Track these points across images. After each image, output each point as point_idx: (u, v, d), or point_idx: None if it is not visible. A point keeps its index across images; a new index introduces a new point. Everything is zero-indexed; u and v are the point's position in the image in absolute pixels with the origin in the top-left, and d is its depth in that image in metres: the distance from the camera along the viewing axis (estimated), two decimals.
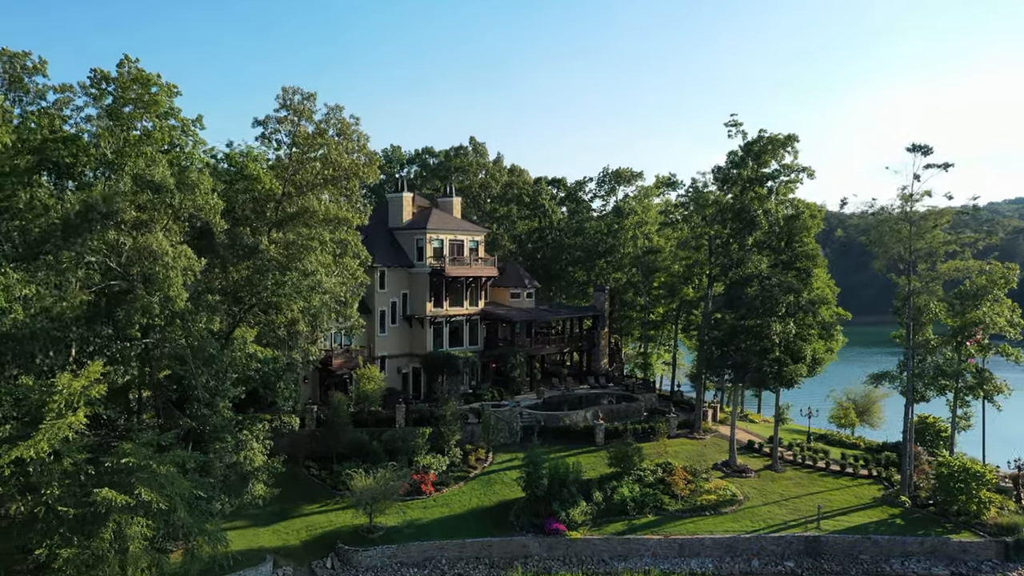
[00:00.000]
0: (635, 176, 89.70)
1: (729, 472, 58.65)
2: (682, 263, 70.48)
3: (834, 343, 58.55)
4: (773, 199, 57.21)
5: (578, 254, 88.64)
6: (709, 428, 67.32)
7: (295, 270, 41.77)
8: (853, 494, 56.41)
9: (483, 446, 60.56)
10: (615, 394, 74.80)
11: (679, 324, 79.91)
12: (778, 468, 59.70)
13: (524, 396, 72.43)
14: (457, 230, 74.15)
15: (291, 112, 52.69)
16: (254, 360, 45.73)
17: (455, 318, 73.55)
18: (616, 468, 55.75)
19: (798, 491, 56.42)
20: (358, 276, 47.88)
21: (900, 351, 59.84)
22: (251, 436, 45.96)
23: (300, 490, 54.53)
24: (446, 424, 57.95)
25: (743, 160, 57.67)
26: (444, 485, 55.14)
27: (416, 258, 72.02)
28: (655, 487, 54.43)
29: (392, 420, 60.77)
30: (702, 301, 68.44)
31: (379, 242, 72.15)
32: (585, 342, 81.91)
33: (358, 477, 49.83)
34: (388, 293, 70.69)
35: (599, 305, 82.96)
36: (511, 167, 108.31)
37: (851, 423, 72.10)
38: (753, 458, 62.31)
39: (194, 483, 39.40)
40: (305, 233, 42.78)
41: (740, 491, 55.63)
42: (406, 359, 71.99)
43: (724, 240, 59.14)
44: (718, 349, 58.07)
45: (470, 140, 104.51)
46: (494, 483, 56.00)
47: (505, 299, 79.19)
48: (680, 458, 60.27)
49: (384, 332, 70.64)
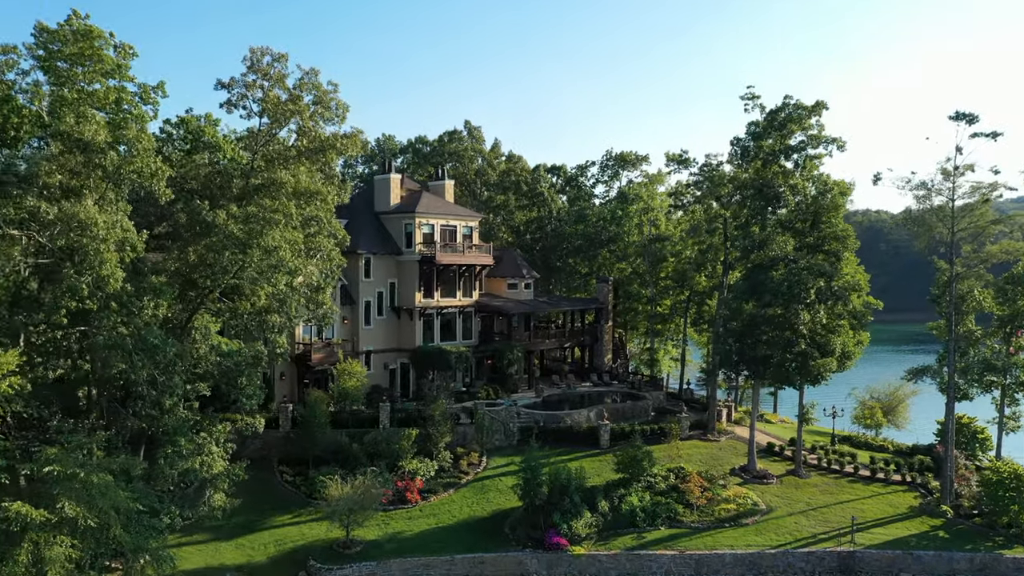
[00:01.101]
0: (640, 160, 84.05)
1: (749, 478, 52.93)
2: (694, 248, 64.64)
3: (863, 335, 52.79)
4: (798, 174, 51.45)
5: (579, 243, 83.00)
6: (723, 429, 61.65)
7: (256, 247, 36.07)
8: (887, 503, 50.70)
9: (476, 449, 54.89)
10: (620, 392, 69.25)
11: (688, 317, 74.22)
12: (802, 473, 53.99)
13: (522, 394, 66.87)
14: (449, 214, 68.45)
15: (260, 76, 47.00)
16: (214, 353, 40.22)
17: (447, 310, 67.86)
18: (623, 474, 50.06)
19: (826, 499, 50.70)
20: (333, 258, 42.12)
21: (928, 345, 54.20)
22: (210, 439, 40.33)
23: (271, 499, 48.84)
24: (435, 425, 52.25)
25: (765, 131, 51.90)
26: (432, 493, 49.47)
27: (404, 245, 66.34)
28: (667, 495, 48.75)
29: (376, 420, 55.06)
30: (716, 291, 62.81)
31: (364, 227, 66.52)
32: (587, 337, 76.25)
33: (333, 485, 44.18)
34: (374, 282, 64.99)
35: (602, 297, 77.32)
36: (509, 154, 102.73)
37: (877, 424, 66.40)
38: (773, 462, 56.61)
39: (136, 494, 33.76)
40: (268, 205, 37.10)
41: (762, 500, 49.91)
42: (393, 354, 66.28)
43: (744, 220, 53.37)
44: (736, 342, 52.32)
45: (465, 124, 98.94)
46: (488, 490, 50.31)
47: (501, 290, 73.52)
48: (694, 462, 54.59)
49: (369, 324, 64.94)
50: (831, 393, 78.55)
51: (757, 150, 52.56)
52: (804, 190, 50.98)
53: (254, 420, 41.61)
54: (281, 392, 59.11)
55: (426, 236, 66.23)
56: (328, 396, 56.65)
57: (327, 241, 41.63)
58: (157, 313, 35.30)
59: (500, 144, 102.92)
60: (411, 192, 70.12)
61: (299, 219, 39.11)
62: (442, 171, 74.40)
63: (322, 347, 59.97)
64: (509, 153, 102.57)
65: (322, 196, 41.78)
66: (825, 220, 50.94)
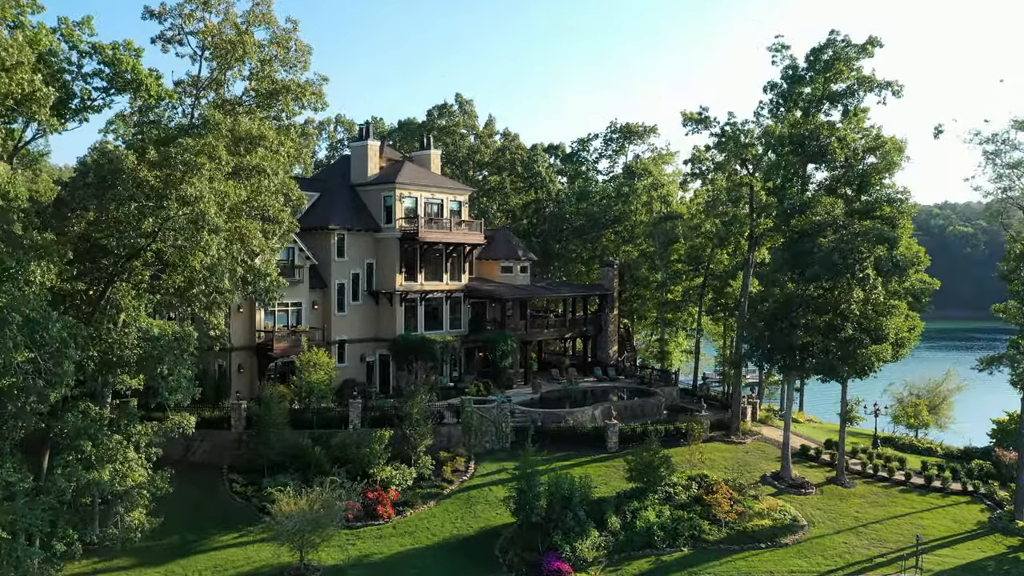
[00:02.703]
0: (648, 131, 76.04)
1: (783, 487, 45.03)
2: (715, 222, 56.56)
3: (916, 320, 44.92)
4: (846, 125, 43.49)
5: (581, 223, 74.90)
6: (748, 430, 53.71)
7: (173, 198, 28.11)
8: (950, 517, 42.82)
9: (463, 453, 46.94)
10: (628, 388, 61.29)
11: (703, 305, 66.32)
12: (845, 481, 46.07)
13: (517, 390, 58.98)
14: (434, 187, 60.43)
15: (199, 5, 38.98)
16: (135, 336, 32.25)
17: (433, 295, 59.88)
18: (637, 483, 42.14)
19: (877, 513, 42.79)
20: (282, 220, 34.10)
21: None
22: (126, 442, 32.31)
23: (215, 513, 40.89)
24: (413, 425, 44.25)
25: (806, 74, 43.95)
26: (409, 506, 41.50)
27: (384, 220, 58.33)
28: (690, 508, 40.83)
29: (345, 420, 47.09)
30: (740, 270, 54.97)
31: (338, 201, 58.55)
32: (590, 327, 68.29)
33: (284, 498, 36.15)
34: (348, 262, 56.99)
35: (607, 283, 69.34)
36: (504, 131, 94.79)
37: (923, 423, 58.48)
38: (810, 468, 48.67)
39: (12, 515, 25.84)
40: (190, 145, 29.17)
41: (801, 513, 42.01)
42: (371, 344, 58.27)
43: (779, 182, 45.34)
44: (767, 328, 44.35)
45: (456, 98, 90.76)
46: (475, 503, 42.35)
47: (494, 273, 65.53)
48: (717, 468, 46.68)
49: (343, 311, 56.92)
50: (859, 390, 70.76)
51: (796, 97, 44.52)
52: (856, 143, 42.98)
53: (183, 419, 33.53)
54: (239, 387, 51.10)
55: (408, 211, 58.25)
56: (291, 392, 48.72)
57: (273, 199, 33.65)
58: (44, 281, 27.28)
59: (494, 121, 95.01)
60: (392, 163, 62.14)
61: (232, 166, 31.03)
62: (427, 140, 66.33)
63: (286, 336, 51.95)
64: (504, 130, 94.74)
65: (268, 142, 33.77)
66: (875, 182, 42.99)
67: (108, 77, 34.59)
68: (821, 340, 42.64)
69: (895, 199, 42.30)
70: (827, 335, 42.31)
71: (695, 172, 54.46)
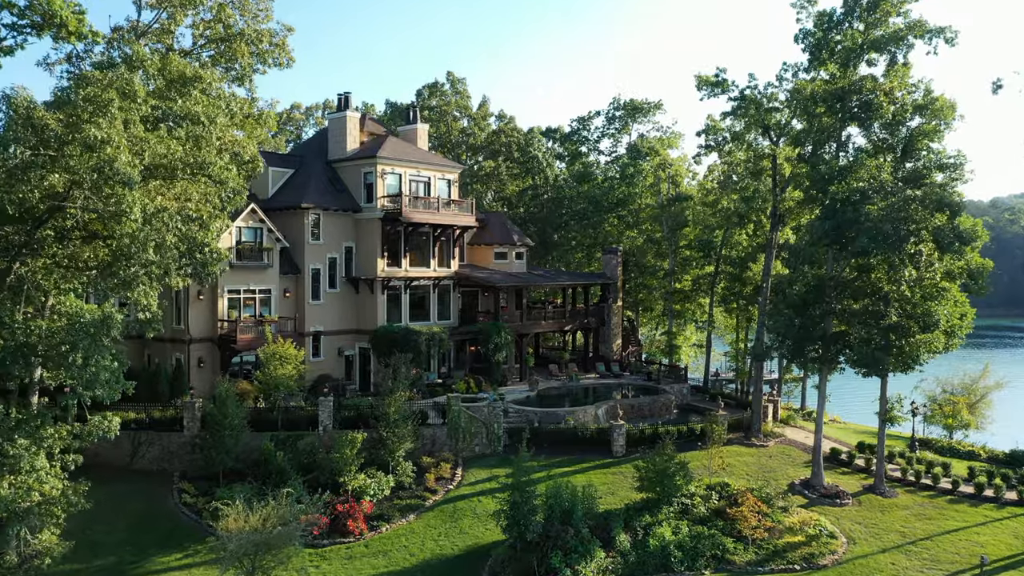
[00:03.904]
0: (654, 107, 70.30)
1: (815, 497, 39.33)
2: (733, 198, 50.71)
3: (967, 307, 39.23)
4: (891, 78, 37.76)
5: (582, 207, 69.15)
6: (770, 431, 48.00)
7: (76, 143, 22.42)
8: (1010, 532, 37.09)
9: (449, 458, 41.24)
10: (634, 385, 55.78)
11: (715, 295, 60.64)
12: (884, 490, 40.38)
13: (512, 387, 53.50)
14: (420, 163, 54.69)
15: None
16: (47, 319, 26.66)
17: (419, 282, 54.20)
18: (649, 493, 36.45)
19: (925, 527, 37.08)
20: (226, 180, 28.28)
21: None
22: (36, 448, 26.61)
23: (160, 528, 35.12)
24: (390, 426, 38.51)
25: (845, 19, 38.23)
26: (385, 520, 35.77)
27: (364, 199, 52.64)
28: (711, 523, 35.12)
29: (315, 421, 41.37)
30: (761, 252, 49.37)
31: (313, 178, 52.85)
32: (592, 319, 62.64)
33: (232, 513, 30.36)
34: (324, 246, 51.30)
35: (610, 272, 63.69)
36: (499, 113, 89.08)
37: (962, 424, 52.75)
38: (842, 475, 42.98)
39: None
40: (96, 77, 23.47)
41: (839, 528, 36.32)
42: (350, 337, 52.59)
43: (811, 147, 39.56)
44: (797, 315, 38.61)
45: (447, 75, 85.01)
46: (462, 516, 36.63)
47: (487, 260, 59.88)
48: (738, 475, 41.02)
49: (318, 299, 51.24)
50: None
51: (832, 47, 38.73)
52: (906, 99, 37.23)
53: (105, 422, 27.76)
54: (199, 383, 45.38)
55: (391, 189, 52.56)
56: (256, 388, 43.08)
57: (211, 154, 27.86)
58: None
59: (488, 102, 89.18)
60: (375, 137, 56.41)
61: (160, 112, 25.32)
62: (414, 114, 60.52)
63: (252, 326, 46.23)
64: (500, 112, 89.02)
65: (204, 84, 28.03)
66: (922, 146, 37.27)
67: (19, 11, 28.74)
68: (860, 328, 36.93)
69: (947, 165, 36.65)
70: (867, 322, 36.61)
71: (709, 145, 48.68)
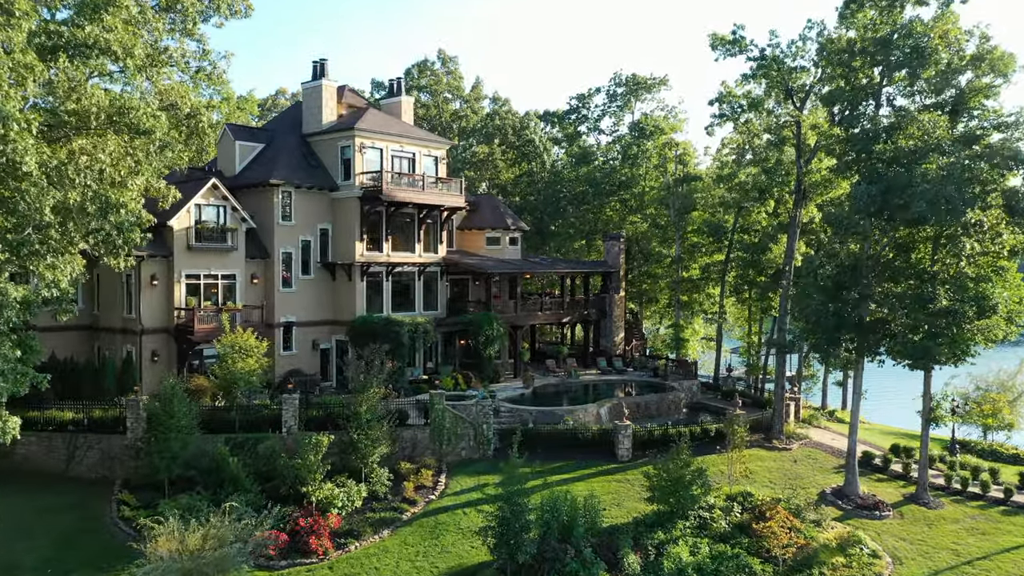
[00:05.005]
0: (659, 83, 65.28)
1: (851, 508, 34.34)
2: (751, 171, 45.61)
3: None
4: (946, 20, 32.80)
5: (581, 189, 64.11)
6: (793, 433, 43.02)
7: None
8: None
9: (431, 464, 36.17)
10: (639, 382, 50.90)
11: (726, 284, 55.73)
12: (928, 500, 35.42)
13: (505, 384, 48.61)
14: (404, 136, 49.64)
15: None
16: None
17: (402, 268, 49.19)
18: (661, 505, 31.46)
19: (981, 545, 32.11)
20: (154, 129, 23.18)
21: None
22: None
23: (92, 548, 29.88)
24: (362, 428, 33.43)
25: None
26: (354, 537, 30.68)
27: (341, 176, 47.62)
28: (734, 541, 30.13)
29: (277, 421, 36.30)
30: (784, 232, 44.47)
31: (284, 152, 47.87)
32: (593, 310, 57.67)
33: (165, 532, 25.28)
34: (297, 227, 46.30)
35: (611, 260, 58.72)
36: (493, 95, 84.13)
37: (1005, 424, 47.74)
38: (878, 482, 37.98)
39: None
40: None
41: (882, 546, 31.35)
42: (326, 328, 47.58)
43: (845, 107, 34.45)
44: (830, 299, 33.59)
45: (438, 53, 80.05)
46: (444, 531, 31.58)
47: (478, 245, 54.90)
48: (760, 483, 36.05)
49: (290, 287, 46.23)
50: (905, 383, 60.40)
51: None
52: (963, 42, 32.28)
53: None
54: (152, 379, 40.27)
55: (371, 165, 47.54)
56: (214, 385, 38.02)
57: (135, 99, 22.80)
58: None
59: (482, 84, 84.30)
60: (354, 110, 51.36)
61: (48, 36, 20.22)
62: (397, 85, 55.43)
63: (212, 315, 41.20)
64: (494, 94, 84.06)
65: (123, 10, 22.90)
66: (975, 103, 32.34)
67: None
68: (904, 314, 31.96)
69: (1006, 123, 31.70)
70: (912, 307, 31.64)
71: (723, 114, 43.69)
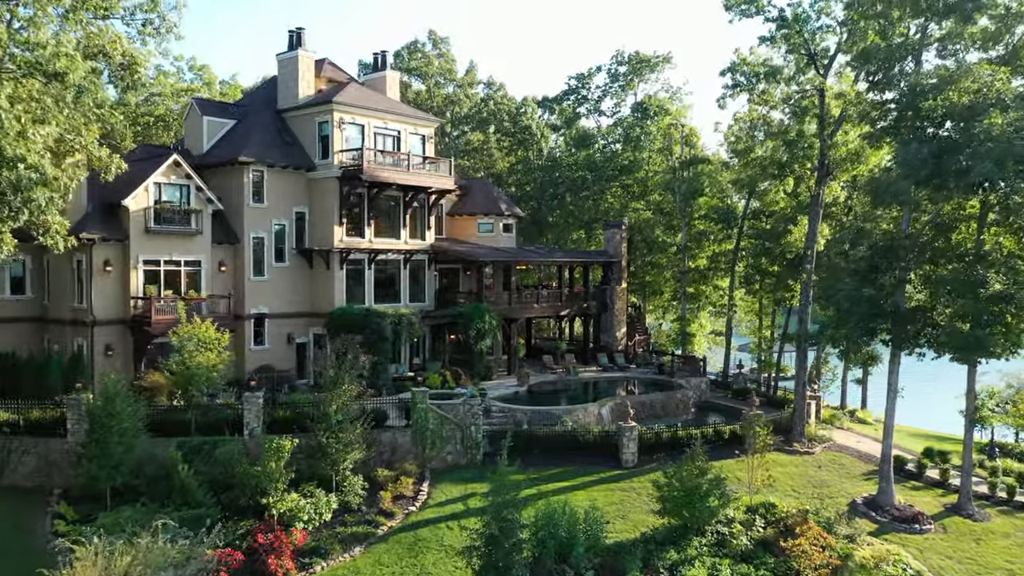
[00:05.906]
0: (663, 61, 61.35)
1: (887, 521, 30.37)
2: (770, 145, 41.67)
3: None
4: None
5: (580, 175, 60.13)
6: (815, 435, 39.04)
7: None
8: None
9: (412, 471, 32.12)
10: (643, 379, 47.05)
11: (736, 275, 51.81)
12: (972, 511, 31.46)
13: (498, 381, 44.72)
14: (388, 112, 45.60)
15: None
16: None
17: (386, 256, 45.19)
18: (673, 519, 27.44)
19: None
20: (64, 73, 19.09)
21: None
22: None
23: (16, 567, 25.96)
24: (332, 430, 29.38)
25: None
26: (320, 556, 26.60)
27: (319, 155, 43.62)
28: (758, 560, 26.14)
29: (240, 422, 32.25)
30: (804, 213, 40.58)
31: (256, 128, 43.87)
32: (593, 303, 53.71)
33: (87, 556, 21.24)
34: (269, 210, 42.27)
35: (612, 249, 54.79)
36: (488, 80, 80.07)
37: None
38: (913, 491, 34.02)
39: None
40: None
41: (925, 565, 27.39)
42: (303, 321, 43.55)
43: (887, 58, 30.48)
44: (864, 284, 29.61)
45: (429, 34, 75.94)
46: (425, 549, 27.54)
47: (470, 232, 50.95)
48: (782, 491, 32.08)
49: (262, 275, 42.22)
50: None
51: None
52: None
53: None
54: (105, 375, 36.16)
55: (352, 143, 43.56)
56: (171, 382, 33.96)
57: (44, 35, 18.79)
58: None
59: (476, 68, 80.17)
60: (334, 84, 47.32)
61: None
62: (382, 60, 51.39)
63: (172, 305, 37.14)
64: (488, 79, 79.98)
65: None
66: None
67: None
68: (948, 301, 28.04)
69: None
70: (959, 293, 27.71)
71: (737, 83, 39.74)
